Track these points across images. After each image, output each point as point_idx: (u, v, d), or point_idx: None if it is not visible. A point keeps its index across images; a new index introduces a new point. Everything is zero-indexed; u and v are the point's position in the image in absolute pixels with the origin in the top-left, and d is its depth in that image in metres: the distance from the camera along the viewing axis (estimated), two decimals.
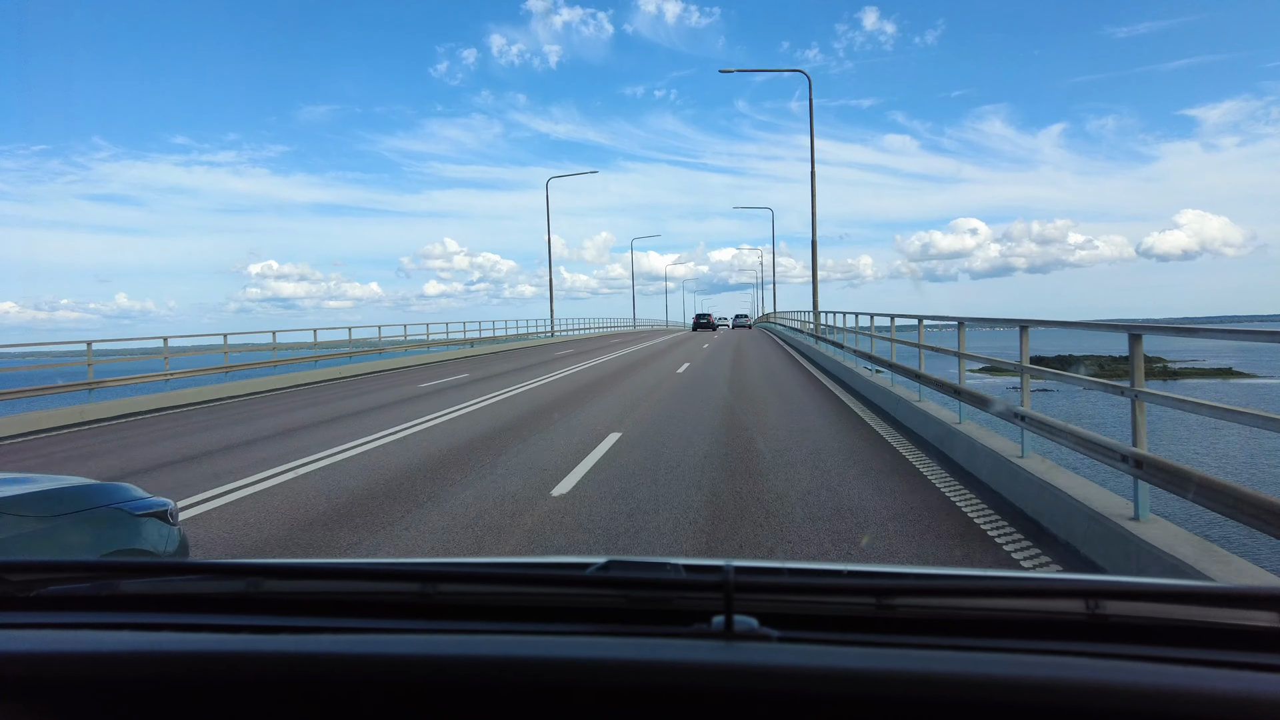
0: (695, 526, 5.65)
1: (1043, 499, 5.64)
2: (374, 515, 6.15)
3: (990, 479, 6.76)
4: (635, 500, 6.36)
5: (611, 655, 0.91)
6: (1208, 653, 0.91)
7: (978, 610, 1.03)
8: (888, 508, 6.12)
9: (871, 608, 1.02)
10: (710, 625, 0.94)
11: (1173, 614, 1.00)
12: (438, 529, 5.75)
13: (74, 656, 0.96)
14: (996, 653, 0.90)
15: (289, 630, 1.03)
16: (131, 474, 8.28)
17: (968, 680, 0.84)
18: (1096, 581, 1.19)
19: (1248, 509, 3.69)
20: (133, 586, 1.18)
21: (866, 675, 0.85)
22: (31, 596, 1.15)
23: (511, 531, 5.62)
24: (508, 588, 1.13)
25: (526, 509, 6.18)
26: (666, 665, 0.88)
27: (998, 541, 5.26)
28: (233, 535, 5.82)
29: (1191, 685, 0.82)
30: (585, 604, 1.07)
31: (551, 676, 0.89)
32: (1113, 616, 1.00)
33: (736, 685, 0.85)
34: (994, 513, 5.94)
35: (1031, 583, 1.27)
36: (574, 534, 5.53)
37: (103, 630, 1.04)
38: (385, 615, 1.10)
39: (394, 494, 6.83)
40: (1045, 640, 0.95)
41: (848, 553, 5.16)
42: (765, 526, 5.60)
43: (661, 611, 1.03)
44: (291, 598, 1.15)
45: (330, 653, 0.94)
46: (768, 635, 0.92)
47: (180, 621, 1.08)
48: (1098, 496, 5.17)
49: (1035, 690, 0.82)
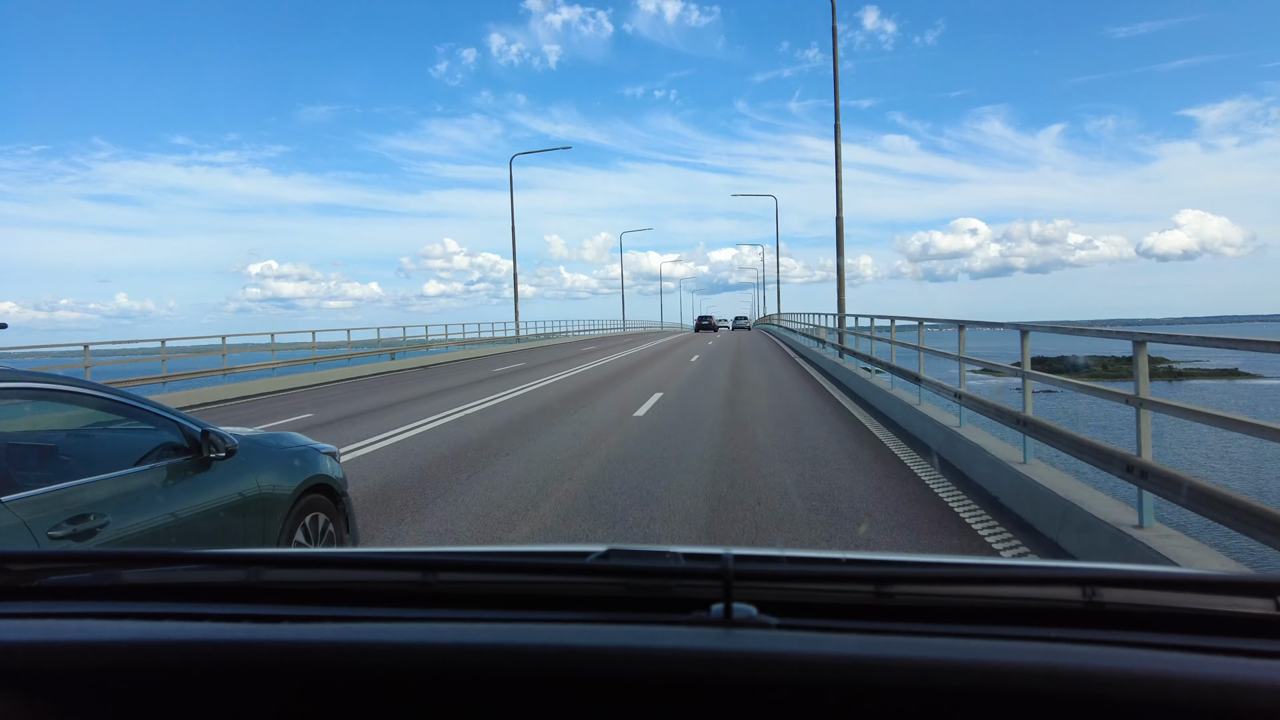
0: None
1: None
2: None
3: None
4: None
5: (611, 643, 0.91)
6: (1202, 639, 0.91)
7: (976, 598, 1.03)
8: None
9: (870, 595, 1.03)
10: (709, 613, 0.94)
11: (1168, 601, 1.00)
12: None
13: (75, 646, 0.96)
14: (994, 640, 0.90)
15: (289, 619, 1.03)
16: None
17: (966, 667, 0.84)
18: (1093, 569, 1.20)
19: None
20: (133, 576, 1.19)
21: (865, 662, 0.85)
22: (33, 586, 1.16)
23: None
24: (507, 576, 1.14)
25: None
26: (666, 653, 0.88)
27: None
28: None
29: (1186, 671, 0.83)
30: (585, 592, 1.07)
31: (551, 665, 0.90)
32: (1109, 604, 1.00)
33: (736, 673, 0.86)
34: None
35: (1029, 570, 1.27)
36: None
37: (104, 620, 1.04)
38: (385, 604, 1.10)
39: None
40: (1042, 627, 0.96)
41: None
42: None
43: (661, 599, 1.03)
44: (292, 587, 1.16)
45: (331, 641, 0.95)
46: (767, 623, 0.92)
47: (181, 611, 1.08)
48: None
49: (1033, 676, 0.83)
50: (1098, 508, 4.96)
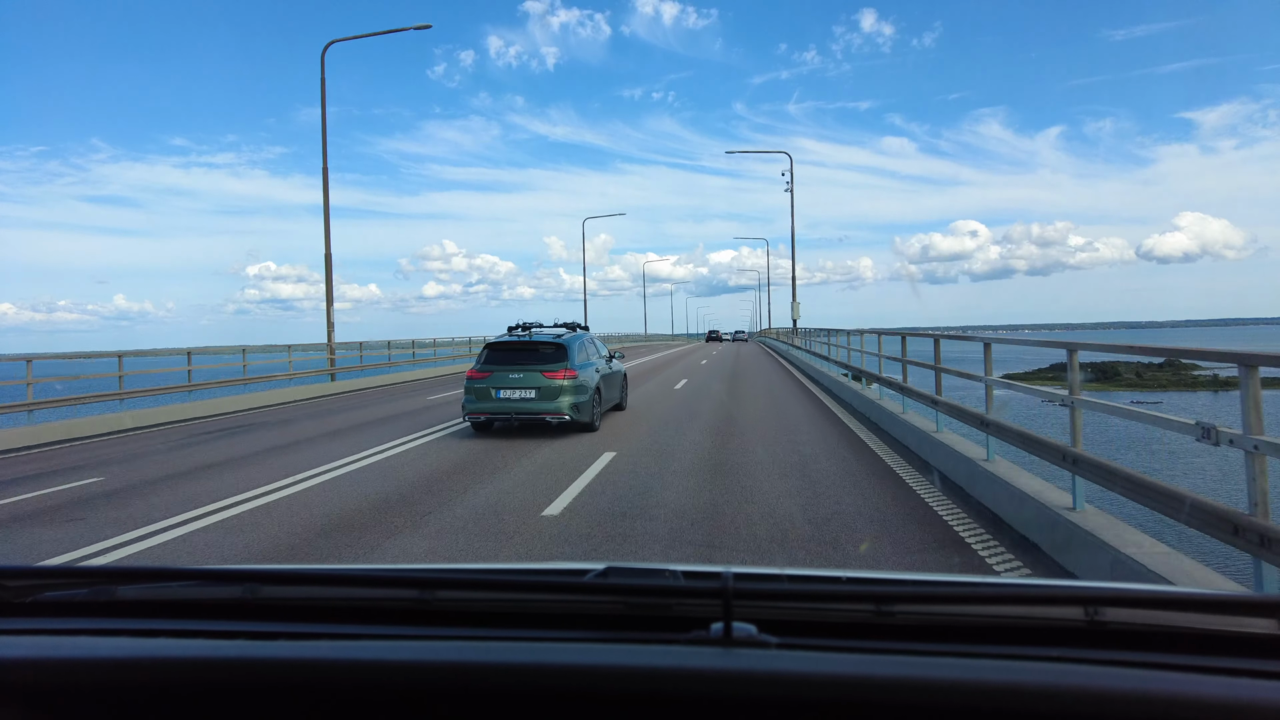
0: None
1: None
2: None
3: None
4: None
5: (610, 662, 0.91)
6: (1206, 659, 0.91)
7: (977, 617, 1.03)
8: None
9: (870, 614, 1.02)
10: (709, 632, 0.93)
11: (1171, 620, 1.00)
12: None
13: (72, 663, 0.96)
14: (995, 659, 0.90)
15: (286, 636, 1.03)
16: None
17: (967, 686, 0.84)
18: (1095, 588, 1.19)
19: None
20: (130, 593, 1.18)
21: (865, 682, 0.85)
22: (29, 603, 1.15)
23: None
24: (506, 594, 1.13)
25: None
26: (665, 672, 0.88)
27: None
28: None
29: (1189, 691, 0.82)
30: (584, 610, 1.06)
31: (550, 683, 0.89)
32: (1111, 623, 1.00)
33: (735, 692, 0.85)
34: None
35: (1030, 589, 1.26)
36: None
37: (100, 636, 1.04)
38: (383, 621, 1.10)
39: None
40: (1044, 646, 0.95)
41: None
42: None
43: (660, 618, 1.03)
44: (289, 604, 1.15)
45: (328, 659, 0.94)
46: (766, 642, 0.92)
47: (178, 628, 1.07)
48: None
49: (1034, 696, 0.82)
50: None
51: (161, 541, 6.18)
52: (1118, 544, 4.45)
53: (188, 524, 6.71)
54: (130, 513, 7.22)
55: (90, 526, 6.74)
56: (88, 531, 6.57)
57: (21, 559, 6.01)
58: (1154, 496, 4.26)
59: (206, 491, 8.04)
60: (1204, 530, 3.80)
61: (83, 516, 7.15)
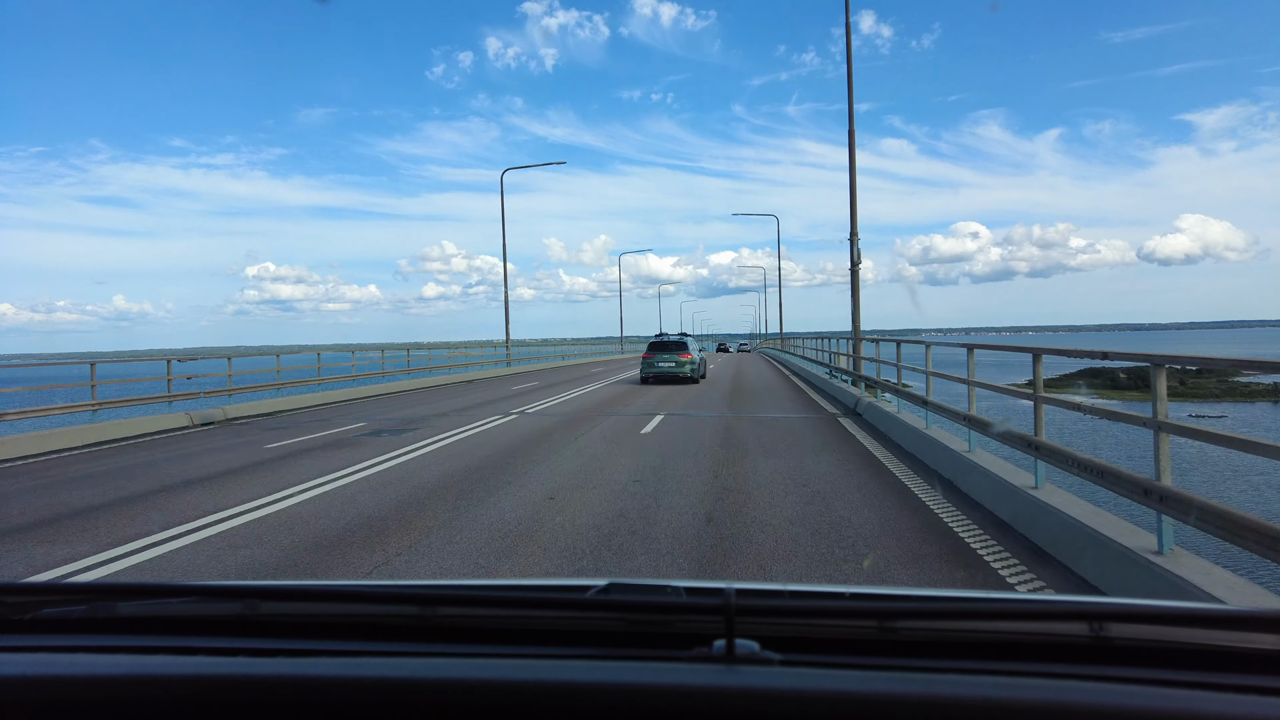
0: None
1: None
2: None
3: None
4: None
5: (612, 679, 0.90)
6: (1211, 675, 0.90)
7: (980, 633, 1.02)
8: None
9: (873, 630, 1.02)
10: (711, 649, 0.93)
11: (1176, 636, 0.99)
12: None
13: (70, 680, 0.95)
14: (999, 675, 0.89)
15: (286, 653, 1.02)
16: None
17: (970, 703, 0.83)
18: (1099, 603, 1.18)
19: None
20: (129, 609, 1.18)
21: (868, 699, 0.84)
22: (27, 619, 1.15)
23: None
24: (507, 611, 1.13)
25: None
26: (667, 689, 0.87)
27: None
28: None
29: (1195, 708, 0.81)
30: (585, 627, 1.06)
31: (551, 701, 0.88)
32: (1116, 639, 0.99)
33: (738, 709, 0.85)
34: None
35: (1034, 605, 1.26)
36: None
37: (99, 653, 1.03)
38: (383, 638, 1.09)
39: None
40: (1048, 663, 0.95)
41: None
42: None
43: (662, 635, 1.02)
44: (288, 620, 1.15)
45: (328, 676, 0.94)
46: (769, 659, 0.91)
47: (177, 644, 1.07)
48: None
49: (1038, 713, 0.81)
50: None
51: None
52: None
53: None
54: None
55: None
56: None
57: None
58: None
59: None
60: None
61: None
